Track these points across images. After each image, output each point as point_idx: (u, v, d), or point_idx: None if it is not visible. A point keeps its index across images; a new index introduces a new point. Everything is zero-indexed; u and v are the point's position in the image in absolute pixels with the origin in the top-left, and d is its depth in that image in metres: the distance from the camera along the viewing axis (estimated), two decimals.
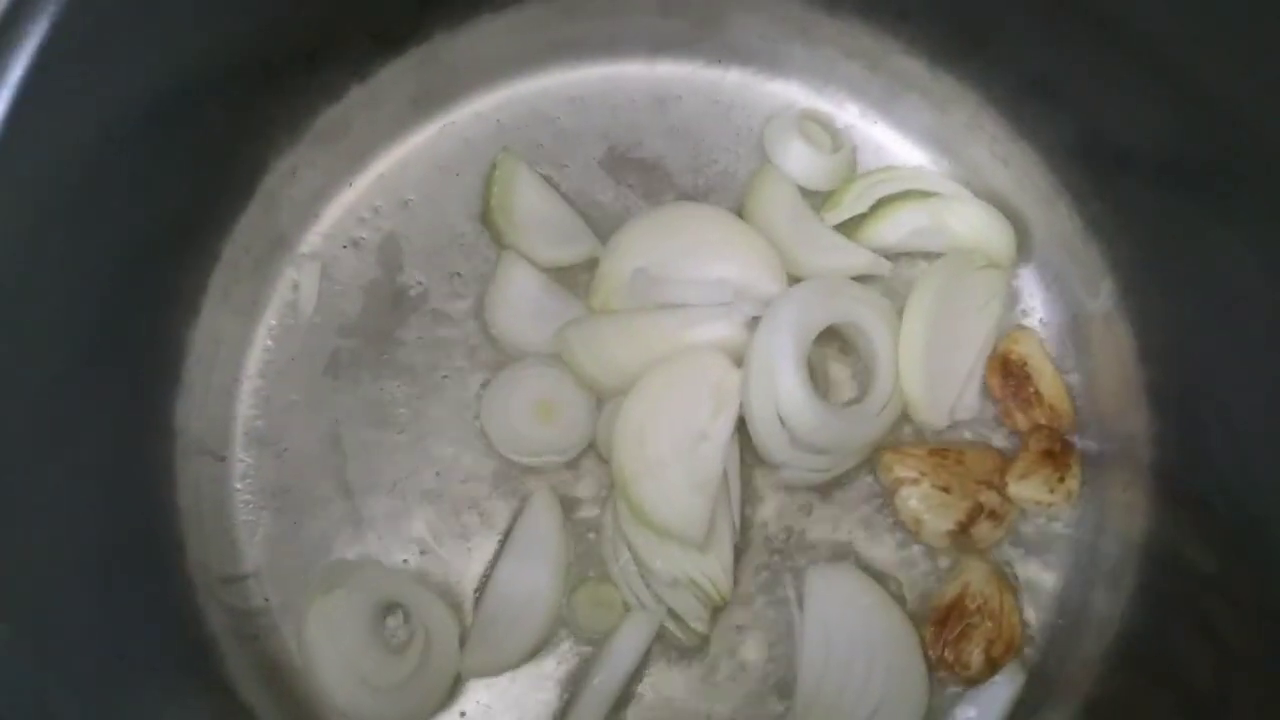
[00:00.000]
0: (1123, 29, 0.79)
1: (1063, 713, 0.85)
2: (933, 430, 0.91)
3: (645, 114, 0.98)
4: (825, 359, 0.92)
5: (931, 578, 0.88)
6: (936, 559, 0.89)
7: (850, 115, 1.00)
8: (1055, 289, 0.95)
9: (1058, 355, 0.93)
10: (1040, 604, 0.89)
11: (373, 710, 0.83)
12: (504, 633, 0.84)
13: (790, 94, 0.99)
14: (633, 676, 0.84)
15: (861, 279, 0.92)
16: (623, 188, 0.97)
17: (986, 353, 0.92)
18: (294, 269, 0.94)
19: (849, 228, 0.95)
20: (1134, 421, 0.87)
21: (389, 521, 0.89)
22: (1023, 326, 0.95)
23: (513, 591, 0.85)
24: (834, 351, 0.93)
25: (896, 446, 0.89)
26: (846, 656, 0.83)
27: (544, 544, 0.86)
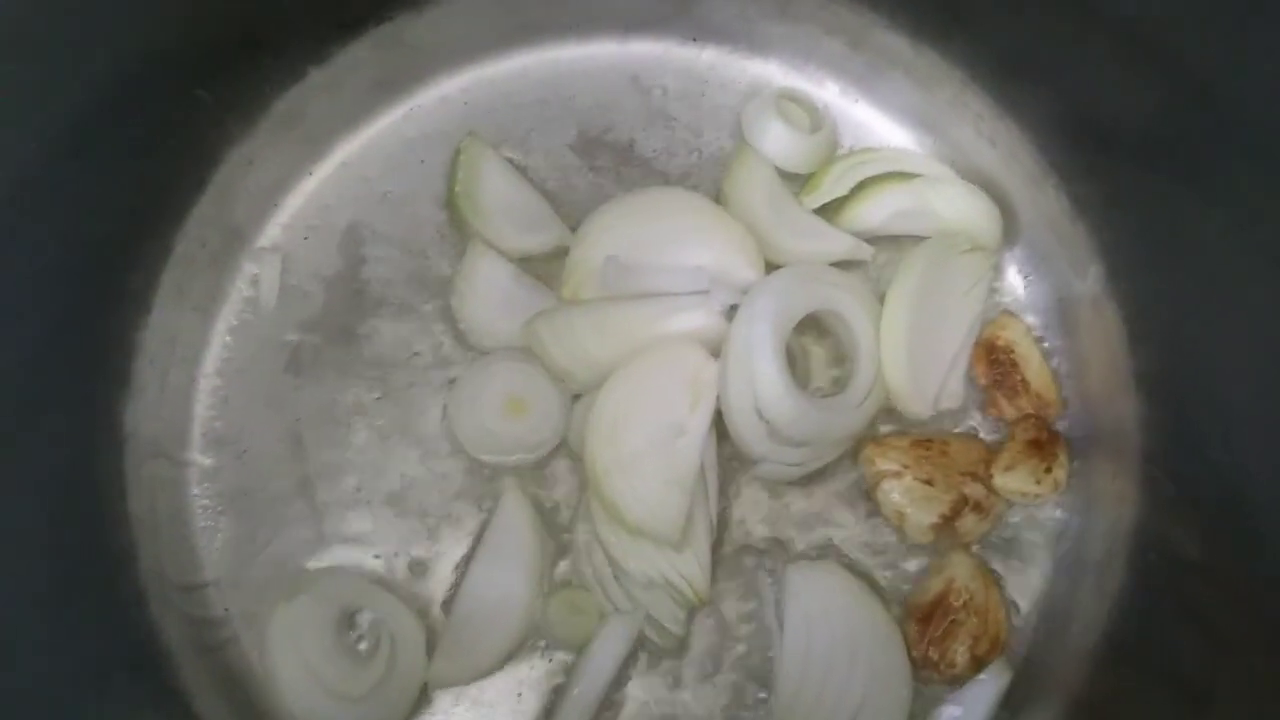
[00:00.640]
0: (1106, 4, 0.78)
1: (1049, 710, 0.84)
2: (916, 420, 0.89)
3: (618, 95, 0.97)
4: (805, 346, 0.91)
5: (915, 574, 0.87)
6: (920, 554, 0.88)
7: (830, 94, 0.98)
8: (1042, 272, 0.94)
9: (1044, 340, 0.92)
10: (1026, 599, 0.88)
11: None
12: (476, 638, 0.83)
13: (769, 73, 0.98)
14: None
15: (842, 264, 0.91)
16: (595, 172, 0.95)
17: (972, 339, 0.91)
18: (253, 262, 0.93)
19: (829, 211, 0.94)
20: (1122, 407, 0.86)
21: (354, 525, 0.87)
22: (1009, 311, 0.93)
23: (485, 595, 0.84)
24: (813, 338, 0.91)
25: (878, 438, 0.88)
26: (828, 656, 0.82)
27: (516, 546, 0.85)
